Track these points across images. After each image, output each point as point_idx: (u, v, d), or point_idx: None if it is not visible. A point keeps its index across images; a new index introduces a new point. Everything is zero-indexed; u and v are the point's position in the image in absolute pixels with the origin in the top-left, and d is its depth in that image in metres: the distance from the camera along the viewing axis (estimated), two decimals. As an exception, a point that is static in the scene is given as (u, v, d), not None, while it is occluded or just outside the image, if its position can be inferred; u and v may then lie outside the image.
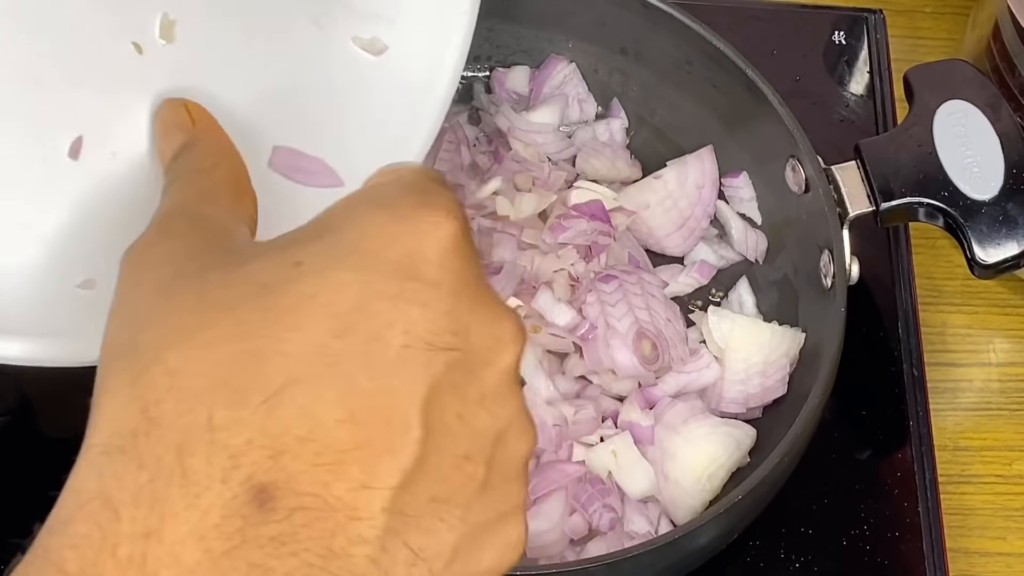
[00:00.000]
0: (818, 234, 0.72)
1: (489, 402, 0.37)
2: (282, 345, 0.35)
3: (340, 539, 0.34)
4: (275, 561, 0.33)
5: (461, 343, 0.36)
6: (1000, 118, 0.73)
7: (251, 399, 0.34)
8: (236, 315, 0.35)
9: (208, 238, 0.40)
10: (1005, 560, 0.75)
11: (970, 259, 0.71)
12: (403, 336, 0.35)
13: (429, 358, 0.36)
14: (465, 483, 0.37)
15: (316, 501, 0.34)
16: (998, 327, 0.83)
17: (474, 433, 0.37)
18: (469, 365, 0.37)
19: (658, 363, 0.72)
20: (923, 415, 0.76)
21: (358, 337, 0.35)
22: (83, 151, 0.51)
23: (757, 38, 0.88)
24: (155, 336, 0.36)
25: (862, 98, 0.88)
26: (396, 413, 0.35)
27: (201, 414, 0.34)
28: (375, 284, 0.36)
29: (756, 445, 0.70)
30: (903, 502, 0.73)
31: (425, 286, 0.36)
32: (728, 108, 0.78)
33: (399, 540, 0.35)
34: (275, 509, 0.33)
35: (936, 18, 0.96)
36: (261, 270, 0.37)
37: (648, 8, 0.78)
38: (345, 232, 0.37)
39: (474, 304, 0.37)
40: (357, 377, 0.35)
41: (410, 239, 0.36)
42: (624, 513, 0.68)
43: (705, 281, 0.78)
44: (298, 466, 0.34)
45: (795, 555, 0.70)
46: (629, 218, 0.78)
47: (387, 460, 0.35)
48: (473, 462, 0.37)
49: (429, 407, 0.36)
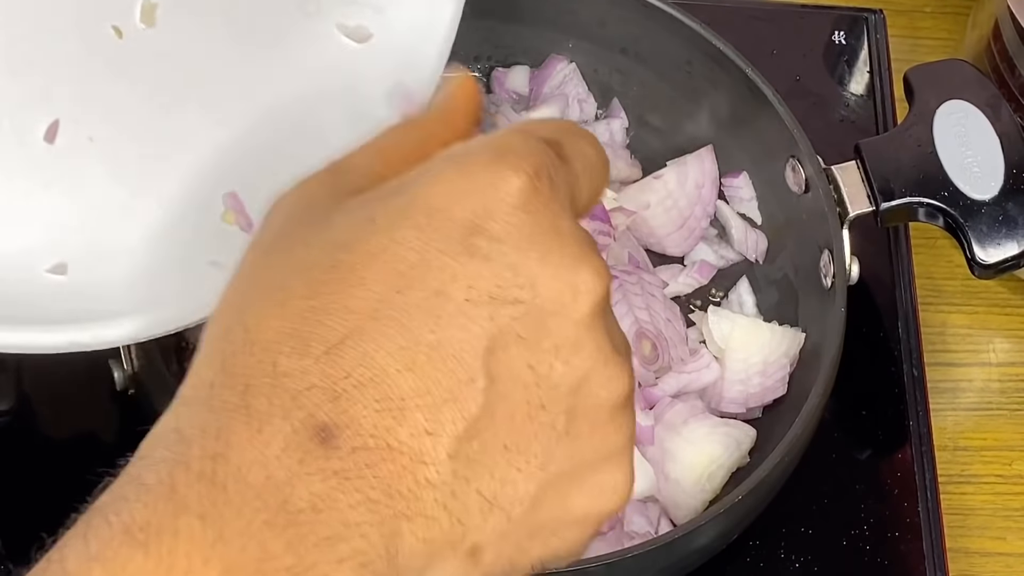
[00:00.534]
0: (818, 234, 0.72)
1: (565, 352, 0.37)
2: (347, 300, 0.36)
3: (407, 481, 0.35)
4: (339, 494, 0.34)
5: (527, 295, 0.37)
6: (1000, 118, 0.73)
7: (314, 348, 0.35)
8: (310, 274, 0.37)
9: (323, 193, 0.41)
10: (1005, 560, 0.75)
11: (970, 259, 0.71)
12: (466, 290, 0.36)
13: (493, 311, 0.36)
14: (542, 432, 0.37)
15: (378, 443, 0.35)
16: (998, 327, 0.83)
17: (549, 383, 0.37)
18: (538, 316, 0.37)
19: (658, 363, 0.72)
20: (923, 415, 0.76)
21: (421, 292, 0.36)
22: (59, 135, 0.51)
23: (757, 38, 0.88)
24: (241, 297, 0.38)
25: (862, 98, 0.88)
26: (458, 364, 0.36)
27: (267, 362, 0.35)
28: (439, 241, 0.37)
29: (756, 445, 0.70)
30: (903, 502, 0.73)
31: (489, 241, 0.37)
32: (728, 108, 0.78)
33: (470, 487, 0.36)
34: (337, 447, 0.34)
35: (936, 18, 0.96)
36: (340, 228, 0.38)
37: (648, 8, 0.78)
38: (418, 189, 0.38)
39: (544, 256, 0.37)
40: (419, 329, 0.36)
41: (476, 196, 0.37)
42: (624, 513, 0.68)
43: (705, 281, 0.78)
44: (359, 410, 0.35)
45: (795, 555, 0.70)
46: (629, 218, 0.78)
47: (450, 408, 0.36)
48: (549, 411, 0.37)
49: (492, 357, 0.36)
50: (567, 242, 0.38)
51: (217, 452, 0.34)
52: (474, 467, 0.36)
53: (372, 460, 0.35)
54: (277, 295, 0.37)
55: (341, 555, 0.34)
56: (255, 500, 0.34)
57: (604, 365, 0.38)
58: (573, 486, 0.38)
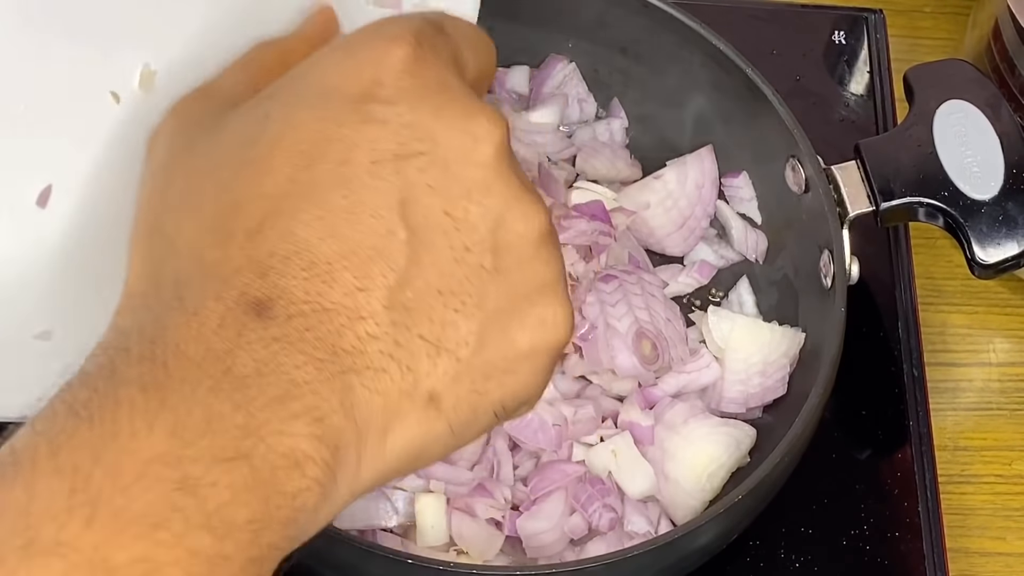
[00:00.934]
0: (818, 234, 0.72)
1: (477, 194, 0.39)
2: (259, 188, 0.38)
3: (349, 337, 0.36)
4: (282, 357, 0.35)
5: (428, 147, 0.38)
6: (1000, 118, 0.73)
7: (236, 236, 0.37)
8: (219, 174, 0.39)
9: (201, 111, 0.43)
10: (1005, 560, 0.75)
11: (970, 259, 0.71)
12: (369, 153, 0.38)
13: (398, 167, 0.38)
14: (471, 272, 0.39)
15: (313, 307, 0.36)
16: (998, 327, 0.83)
17: (468, 225, 0.39)
18: (444, 165, 0.38)
19: (658, 363, 0.72)
20: (923, 415, 0.76)
21: (326, 164, 0.38)
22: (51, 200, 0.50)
23: (757, 38, 0.88)
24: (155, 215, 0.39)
25: (862, 98, 0.88)
26: (376, 221, 0.37)
27: (193, 259, 0.37)
28: (335, 116, 0.38)
29: (756, 445, 0.70)
30: (903, 502, 0.73)
31: (383, 105, 0.38)
32: (728, 108, 0.78)
33: (411, 333, 0.37)
34: (273, 316, 0.36)
35: (936, 18, 0.96)
36: (237, 130, 0.40)
37: (648, 8, 0.78)
38: (307, 77, 0.40)
39: (438, 110, 0.39)
40: (332, 198, 0.37)
41: (363, 69, 0.39)
42: (624, 513, 0.68)
43: (705, 281, 0.78)
44: (288, 281, 0.36)
45: (795, 555, 0.70)
46: (629, 218, 0.78)
47: (377, 263, 0.37)
48: (474, 252, 0.39)
49: (408, 209, 0.38)
50: (457, 96, 0.40)
51: (154, 337, 0.35)
52: (412, 314, 0.37)
53: (310, 324, 0.36)
54: (192, 200, 0.39)
55: (294, 411, 0.35)
56: (196, 371, 0.34)
57: (517, 201, 0.39)
58: (513, 320, 0.40)
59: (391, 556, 0.59)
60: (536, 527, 0.66)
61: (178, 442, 0.33)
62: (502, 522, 0.67)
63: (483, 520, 0.66)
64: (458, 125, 0.39)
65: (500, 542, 0.67)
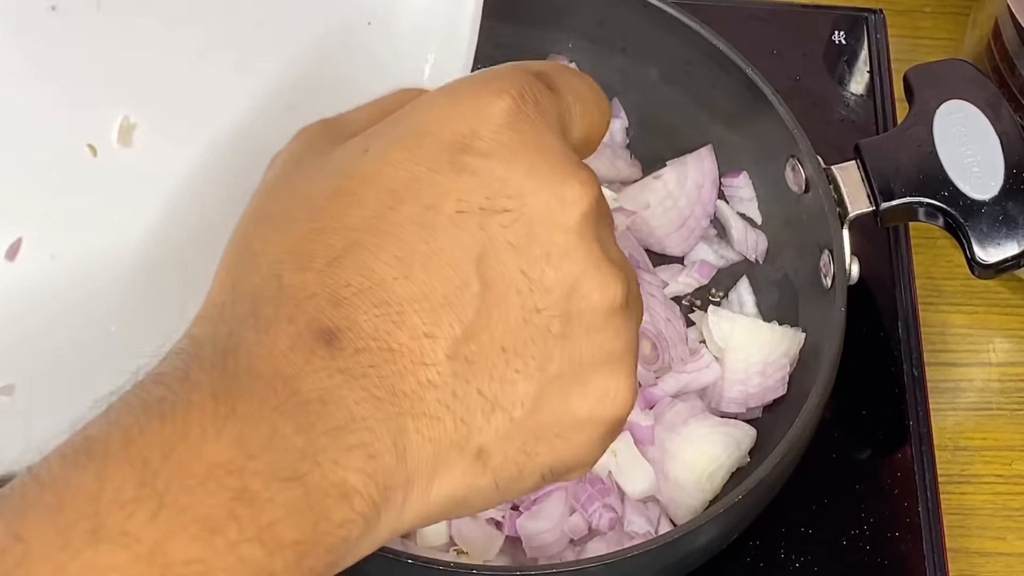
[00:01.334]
0: (818, 234, 0.72)
1: (556, 258, 0.39)
2: (345, 219, 0.38)
3: (409, 381, 0.37)
4: (345, 390, 0.36)
5: (516, 205, 0.39)
6: (1000, 118, 0.73)
7: (316, 263, 0.38)
8: (312, 200, 0.39)
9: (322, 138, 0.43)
10: (1005, 560, 0.75)
11: (970, 259, 0.71)
12: (456, 203, 0.38)
13: (483, 220, 0.38)
14: (538, 334, 0.39)
15: (380, 345, 0.37)
16: (998, 327, 0.83)
17: (542, 287, 0.39)
18: (528, 224, 0.39)
19: (658, 363, 0.72)
20: (923, 415, 0.76)
21: (413, 207, 0.38)
22: (20, 253, 0.50)
23: (757, 38, 0.88)
24: (249, 227, 0.40)
25: (862, 98, 0.88)
26: (452, 271, 0.38)
27: (272, 278, 0.38)
28: (429, 160, 0.39)
29: (756, 445, 0.70)
30: (903, 502, 0.73)
31: (476, 157, 0.39)
32: (728, 108, 0.78)
33: (471, 387, 0.38)
34: (341, 347, 0.36)
35: (936, 18, 0.96)
36: (338, 160, 0.40)
37: (648, 8, 0.78)
38: (409, 118, 0.40)
39: (531, 169, 0.39)
40: (413, 241, 0.38)
41: (464, 118, 0.39)
42: (624, 513, 0.68)
43: (705, 281, 0.78)
44: (360, 314, 0.37)
45: (795, 555, 0.70)
46: (629, 218, 0.78)
47: (447, 312, 0.38)
48: (544, 315, 0.39)
49: (485, 264, 0.38)
50: (554, 156, 0.39)
51: (228, 348, 0.36)
52: (473, 368, 0.38)
53: (375, 361, 0.37)
54: (281, 221, 0.39)
55: (350, 444, 0.36)
56: (264, 388, 0.35)
57: (596, 269, 0.39)
58: (574, 388, 0.40)
59: (391, 556, 0.59)
60: (536, 527, 0.66)
61: (242, 452, 0.34)
62: (502, 522, 0.67)
63: (483, 520, 0.66)
64: (549, 186, 0.39)
65: (500, 542, 0.67)
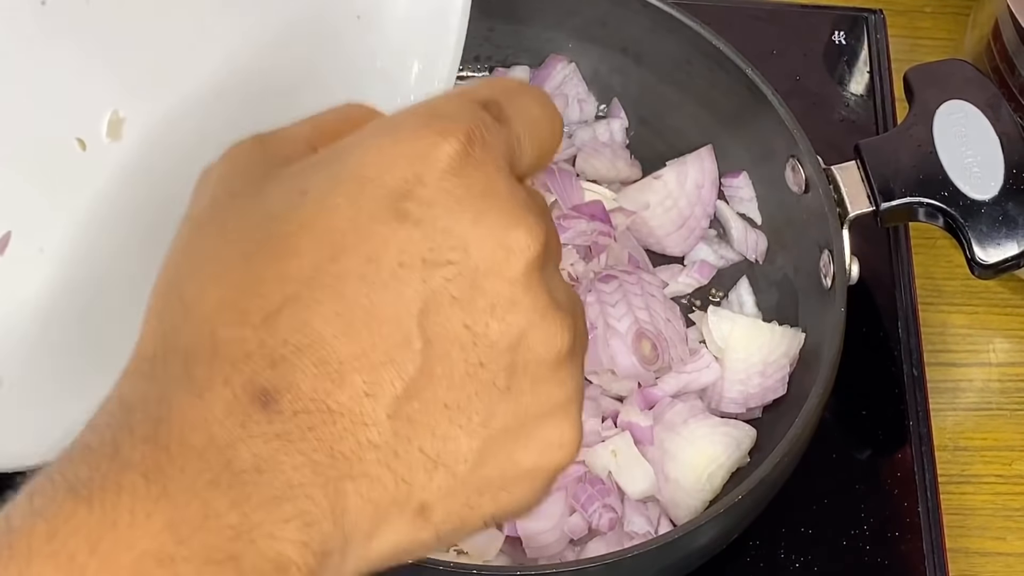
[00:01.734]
0: (818, 234, 0.72)
1: (500, 310, 0.38)
2: (282, 269, 0.37)
3: (349, 442, 0.36)
4: (282, 456, 0.35)
5: (459, 257, 0.37)
6: (1000, 118, 0.73)
7: (252, 317, 0.36)
8: (244, 245, 0.37)
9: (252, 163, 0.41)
10: (1005, 560, 0.75)
11: (970, 259, 0.71)
12: (398, 255, 0.37)
13: (426, 274, 0.37)
14: (482, 389, 0.38)
15: (319, 406, 0.35)
16: (998, 327, 0.83)
17: (486, 341, 0.38)
18: (472, 277, 0.37)
19: (658, 363, 0.72)
20: (923, 415, 0.76)
21: (354, 259, 0.37)
22: (9, 246, 0.49)
23: (757, 38, 0.88)
24: (177, 271, 0.39)
25: (862, 98, 0.88)
26: (393, 327, 0.36)
27: (206, 333, 0.36)
28: (370, 209, 0.37)
29: (756, 445, 0.70)
30: (903, 502, 0.73)
31: (419, 206, 0.37)
32: (728, 108, 0.78)
33: (412, 446, 0.37)
34: (279, 411, 0.35)
35: (936, 18, 0.96)
36: (273, 199, 0.38)
37: (648, 8, 0.78)
38: (349, 158, 0.38)
39: (477, 218, 0.37)
40: (354, 295, 0.36)
41: (407, 163, 0.37)
42: (624, 513, 0.68)
43: (705, 281, 0.78)
44: (298, 374, 0.35)
45: (795, 555, 0.70)
46: (629, 218, 0.78)
47: (388, 370, 0.36)
48: (488, 369, 0.38)
49: (427, 319, 0.37)
50: (502, 204, 0.38)
51: (160, 416, 0.35)
52: (415, 427, 0.37)
53: (313, 423, 0.35)
54: (213, 267, 0.38)
55: (286, 515, 0.35)
56: (198, 461, 0.34)
57: (542, 320, 0.38)
58: (518, 441, 0.39)
59: (391, 556, 0.59)
60: (536, 527, 0.66)
61: (173, 537, 0.33)
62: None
63: (483, 520, 0.66)
64: (494, 236, 0.37)
65: (500, 542, 0.67)
